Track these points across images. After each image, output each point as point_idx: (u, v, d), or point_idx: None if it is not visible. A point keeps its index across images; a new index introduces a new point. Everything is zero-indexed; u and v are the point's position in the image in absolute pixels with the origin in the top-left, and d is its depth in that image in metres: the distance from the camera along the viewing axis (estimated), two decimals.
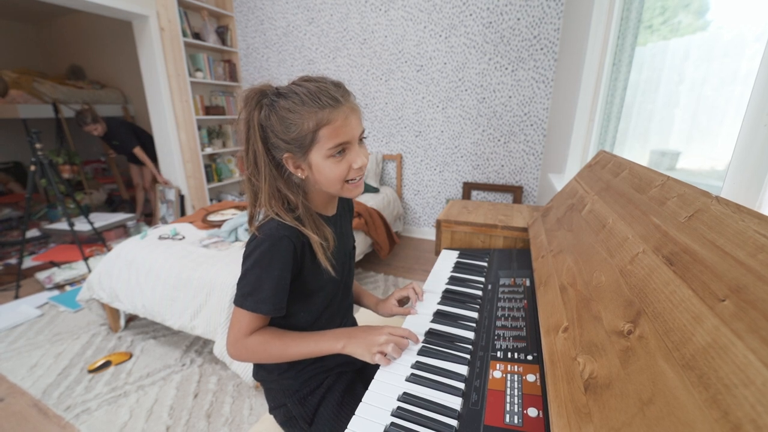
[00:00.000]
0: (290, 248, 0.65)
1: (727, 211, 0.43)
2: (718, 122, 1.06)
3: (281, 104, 0.61)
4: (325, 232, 0.69)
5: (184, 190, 3.34)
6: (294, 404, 0.77)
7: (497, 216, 1.31)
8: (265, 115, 0.63)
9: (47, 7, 3.70)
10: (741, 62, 0.95)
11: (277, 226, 0.65)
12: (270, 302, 0.65)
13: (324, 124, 0.61)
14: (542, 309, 0.69)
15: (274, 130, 0.63)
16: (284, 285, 0.66)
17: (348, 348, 0.68)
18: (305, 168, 0.66)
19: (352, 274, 0.87)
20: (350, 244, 0.85)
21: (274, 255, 0.64)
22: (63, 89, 3.85)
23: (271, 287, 0.65)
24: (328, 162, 0.64)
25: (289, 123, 0.61)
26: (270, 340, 0.68)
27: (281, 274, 0.65)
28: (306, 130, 0.61)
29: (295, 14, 3.19)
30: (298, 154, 0.64)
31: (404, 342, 0.70)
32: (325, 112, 0.61)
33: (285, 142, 0.63)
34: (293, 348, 0.68)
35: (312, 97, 0.60)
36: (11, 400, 1.49)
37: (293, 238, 0.65)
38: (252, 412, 1.41)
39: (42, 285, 2.41)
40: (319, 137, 0.62)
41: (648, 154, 1.40)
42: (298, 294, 0.71)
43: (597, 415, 0.39)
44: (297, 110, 0.60)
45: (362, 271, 2.62)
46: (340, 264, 0.78)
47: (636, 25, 1.43)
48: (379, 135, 3.23)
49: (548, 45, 2.48)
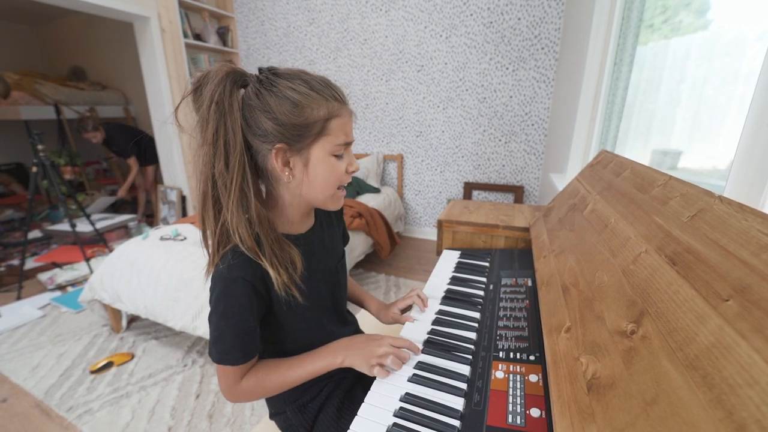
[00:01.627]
0: (247, 290, 0.56)
1: (731, 210, 0.43)
2: (719, 121, 1.06)
3: (284, 84, 0.53)
4: (291, 255, 0.60)
5: (185, 191, 3.34)
6: (293, 412, 0.76)
7: (498, 216, 1.30)
8: (254, 93, 0.53)
9: (49, 8, 3.71)
10: (742, 61, 0.95)
11: (229, 265, 0.55)
12: (235, 351, 0.58)
13: (335, 115, 0.56)
14: (544, 309, 0.69)
15: (271, 111, 0.53)
16: (248, 329, 0.58)
17: (347, 361, 0.64)
18: (297, 165, 0.57)
19: (343, 287, 0.81)
20: (338, 256, 0.78)
21: (230, 300, 0.56)
22: (64, 90, 3.87)
23: (233, 336, 0.58)
24: (330, 160, 0.58)
25: (293, 104, 0.53)
26: (264, 377, 0.63)
27: (241, 318, 0.57)
28: (316, 117, 0.54)
29: (295, 15, 3.20)
30: (296, 145, 0.55)
31: (404, 354, 0.66)
32: (335, 105, 0.56)
33: (282, 127, 0.53)
34: (291, 376, 0.64)
35: (323, 85, 0.56)
36: (14, 401, 1.49)
37: (248, 276, 0.56)
38: (253, 413, 1.41)
39: (44, 286, 2.42)
40: (330, 128, 0.56)
41: (649, 154, 1.39)
42: (277, 327, 0.66)
43: (600, 416, 0.39)
44: (307, 93, 0.54)
45: (363, 271, 2.62)
46: (324, 283, 0.72)
47: (637, 25, 1.43)
48: (380, 135, 3.23)
49: (549, 45, 2.48)
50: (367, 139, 3.29)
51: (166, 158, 3.31)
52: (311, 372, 0.65)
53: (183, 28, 3.01)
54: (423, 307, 0.85)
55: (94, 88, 4.23)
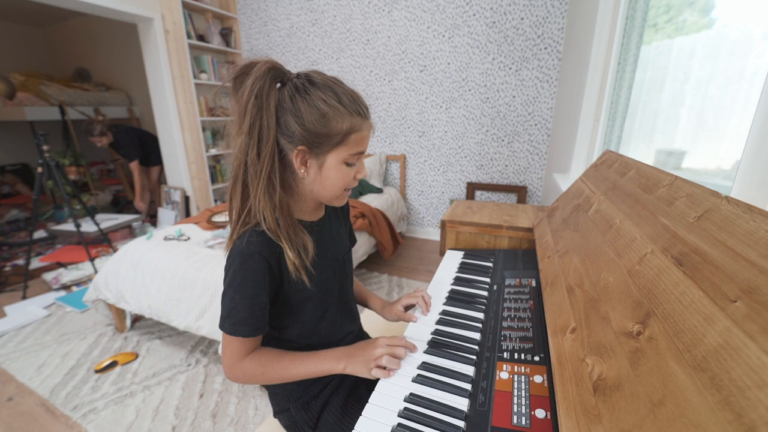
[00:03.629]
0: (262, 265, 0.61)
1: (738, 211, 0.43)
2: (724, 121, 1.05)
3: (317, 94, 0.58)
4: (304, 241, 0.64)
5: (188, 191, 3.36)
6: (297, 409, 0.77)
7: (502, 216, 1.30)
8: (289, 96, 0.58)
9: (54, 10, 3.74)
10: (747, 60, 0.94)
11: (248, 241, 0.61)
12: (247, 324, 0.62)
13: (356, 129, 0.61)
14: (549, 310, 0.69)
15: (300, 117, 0.58)
16: (261, 303, 0.62)
17: (349, 368, 0.66)
18: (312, 166, 0.62)
19: (349, 278, 0.83)
20: (344, 248, 0.82)
21: (246, 273, 0.61)
22: (69, 91, 3.89)
23: (246, 308, 0.61)
24: (342, 167, 0.63)
25: (321, 115, 0.58)
26: (267, 363, 0.66)
27: (255, 292, 0.61)
28: (338, 130, 0.59)
29: (298, 15, 3.21)
30: (315, 150, 0.60)
31: (400, 351, 0.67)
32: (359, 120, 0.61)
33: (307, 133, 0.58)
34: (292, 370, 0.66)
35: (351, 100, 0.60)
36: (20, 400, 1.51)
37: (265, 253, 0.61)
38: (257, 413, 1.41)
39: (49, 285, 2.44)
40: (348, 141, 0.61)
41: (653, 154, 1.39)
42: (285, 308, 0.69)
43: (606, 417, 0.39)
44: (335, 107, 0.58)
45: (366, 271, 2.62)
46: (331, 270, 0.75)
47: (641, 24, 1.43)
48: (382, 135, 3.23)
49: (552, 44, 2.47)
50: (370, 140, 3.28)
51: (170, 158, 3.32)
52: (313, 372, 0.67)
53: (186, 29, 3.03)
54: (425, 311, 0.85)
55: (98, 89, 4.25)
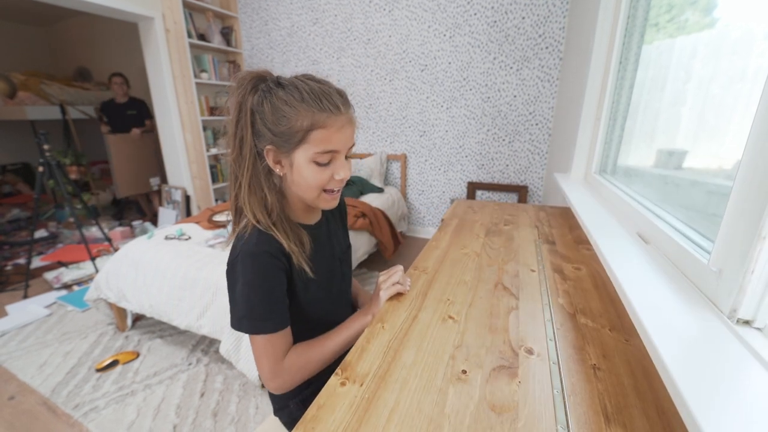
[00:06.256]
0: (272, 262, 0.63)
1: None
2: (726, 121, 1.05)
3: (279, 94, 0.59)
4: (300, 236, 0.67)
5: (189, 191, 3.36)
6: (297, 406, 0.77)
7: (503, 216, 1.30)
8: (258, 101, 0.61)
9: (54, 9, 3.73)
10: (749, 60, 0.94)
11: (255, 241, 0.63)
12: (269, 319, 0.63)
13: (319, 126, 0.59)
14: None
15: (264, 118, 0.60)
16: (277, 297, 0.64)
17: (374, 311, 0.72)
18: (285, 165, 0.64)
19: (348, 278, 0.84)
20: (343, 246, 0.83)
21: (257, 272, 0.62)
22: (70, 91, 3.90)
23: (264, 303, 0.62)
24: (311, 166, 0.62)
25: (281, 115, 0.59)
26: (304, 351, 0.68)
27: (271, 286, 0.63)
28: (298, 128, 0.59)
29: (299, 15, 3.20)
30: (282, 148, 0.62)
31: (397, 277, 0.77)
32: (323, 116, 0.59)
33: (271, 133, 0.60)
34: (330, 346, 0.70)
35: (314, 96, 0.59)
36: (21, 398, 1.51)
37: (273, 251, 0.63)
38: (258, 411, 1.41)
39: (50, 285, 2.44)
40: (310, 138, 0.60)
41: (654, 154, 1.38)
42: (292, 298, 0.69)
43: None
44: (294, 105, 0.59)
45: (366, 271, 2.62)
46: (330, 269, 0.76)
47: (642, 23, 1.42)
48: (383, 135, 3.23)
49: (553, 44, 2.47)
50: (371, 139, 3.29)
51: (171, 158, 3.33)
52: (348, 337, 0.71)
53: (187, 29, 3.03)
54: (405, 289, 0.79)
55: (99, 88, 4.26)
